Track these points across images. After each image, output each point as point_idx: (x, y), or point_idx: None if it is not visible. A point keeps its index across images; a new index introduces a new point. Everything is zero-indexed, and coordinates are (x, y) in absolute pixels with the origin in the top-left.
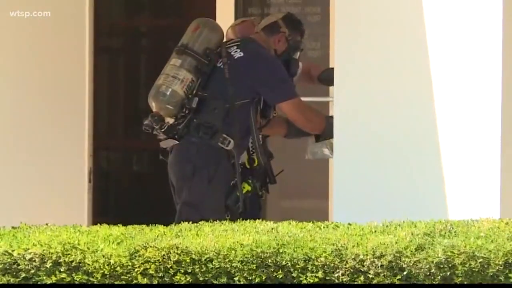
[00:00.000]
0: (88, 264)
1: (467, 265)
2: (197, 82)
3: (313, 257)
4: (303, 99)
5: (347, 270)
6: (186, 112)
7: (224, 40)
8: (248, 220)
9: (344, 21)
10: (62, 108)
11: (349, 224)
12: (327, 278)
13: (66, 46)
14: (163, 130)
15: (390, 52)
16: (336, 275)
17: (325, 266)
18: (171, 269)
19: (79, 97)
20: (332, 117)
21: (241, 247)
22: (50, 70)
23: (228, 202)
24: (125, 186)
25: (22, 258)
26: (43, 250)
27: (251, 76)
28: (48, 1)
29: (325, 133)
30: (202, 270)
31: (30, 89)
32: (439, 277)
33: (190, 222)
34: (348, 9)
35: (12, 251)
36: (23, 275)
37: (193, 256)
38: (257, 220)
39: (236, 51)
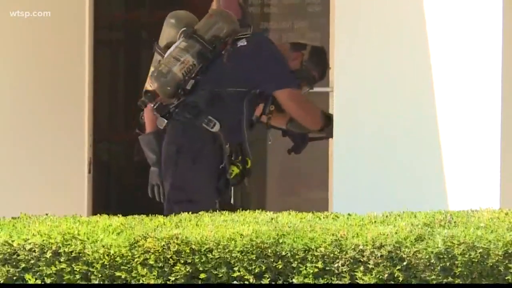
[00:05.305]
0: (88, 254)
1: (466, 256)
2: (198, 66)
3: (312, 247)
4: None
5: (347, 260)
6: (181, 93)
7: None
8: (248, 211)
9: (344, 15)
10: (62, 100)
11: (349, 214)
12: (327, 268)
13: (66, 44)
14: (155, 107)
15: (389, 43)
16: (336, 265)
17: (325, 256)
18: (170, 259)
19: (79, 90)
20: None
21: (240, 237)
22: (50, 66)
23: (219, 186)
24: (125, 176)
25: (22, 248)
26: (43, 240)
27: (250, 63)
28: (48, 1)
29: (328, 131)
30: (201, 261)
31: (30, 85)
32: (438, 268)
33: (179, 205)
34: (348, 2)
35: (12, 241)
36: (23, 265)
37: (193, 246)
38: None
39: (241, 41)
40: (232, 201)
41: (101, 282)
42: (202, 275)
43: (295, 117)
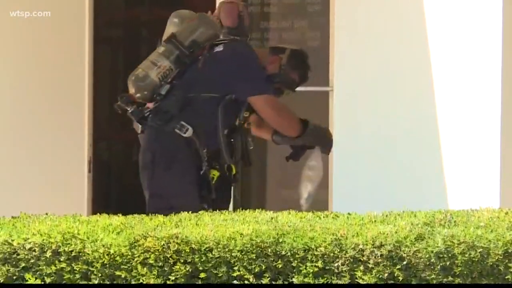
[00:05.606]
0: (88, 254)
1: (466, 255)
2: (175, 71)
3: (312, 246)
4: (302, 89)
5: (347, 260)
6: (157, 98)
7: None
8: (248, 210)
9: (343, 14)
10: (62, 100)
11: (349, 213)
12: (327, 267)
13: (66, 44)
14: (130, 112)
15: (389, 43)
16: (336, 264)
17: (325, 256)
18: (170, 258)
19: (79, 90)
20: (315, 125)
21: (240, 236)
22: (50, 66)
23: (201, 192)
24: (125, 176)
25: (22, 248)
26: (43, 239)
27: (225, 68)
28: (48, 1)
29: (306, 138)
30: (201, 260)
31: (30, 85)
32: (438, 267)
33: (159, 212)
34: (348, 1)
35: (12, 240)
36: (23, 264)
37: (193, 246)
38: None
39: (218, 47)
40: (231, 206)
41: (101, 282)
42: (202, 275)
43: (271, 123)
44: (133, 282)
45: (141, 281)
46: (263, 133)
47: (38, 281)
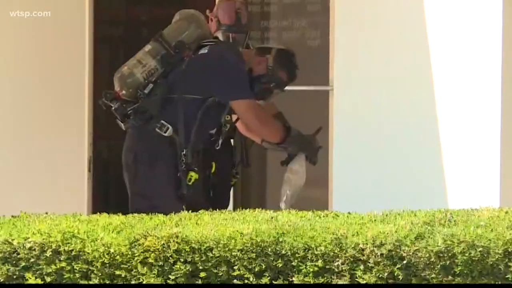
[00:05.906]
0: (88, 253)
1: (466, 254)
2: (160, 70)
3: (313, 246)
4: (302, 88)
5: (347, 259)
6: (141, 97)
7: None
8: (248, 209)
9: (344, 13)
10: (62, 100)
11: (349, 213)
12: (327, 267)
13: (66, 44)
14: (113, 108)
15: (390, 42)
16: (336, 264)
17: (325, 255)
18: (170, 258)
19: (79, 90)
20: (300, 132)
21: (240, 236)
22: (50, 65)
23: (179, 192)
24: None
25: (22, 247)
26: (43, 239)
27: (207, 71)
28: (48, 1)
29: (291, 145)
30: (201, 259)
31: (30, 85)
32: (438, 266)
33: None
34: (348, 1)
35: (12, 240)
36: (23, 263)
37: (193, 245)
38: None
39: (203, 49)
40: (231, 205)
41: (101, 281)
42: (202, 274)
43: (252, 128)
44: (133, 282)
45: (141, 280)
46: (253, 135)
47: (38, 281)
